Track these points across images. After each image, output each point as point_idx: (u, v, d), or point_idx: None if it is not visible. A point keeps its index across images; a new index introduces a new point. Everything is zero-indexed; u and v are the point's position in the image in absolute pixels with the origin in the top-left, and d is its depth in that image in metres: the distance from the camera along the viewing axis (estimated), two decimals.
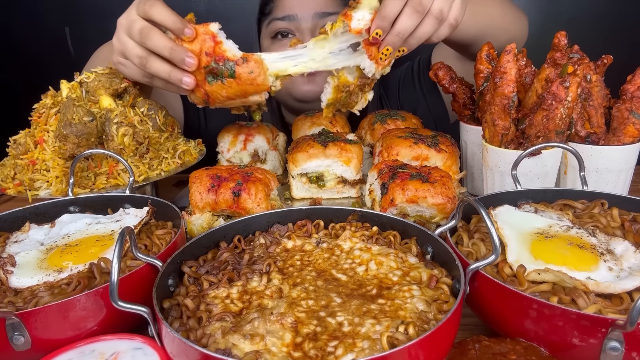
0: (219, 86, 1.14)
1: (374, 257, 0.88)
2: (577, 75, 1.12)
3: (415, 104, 2.01)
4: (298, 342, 0.68)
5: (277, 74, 1.18)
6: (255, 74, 1.14)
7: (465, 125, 1.45)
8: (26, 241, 1.00)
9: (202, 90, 1.17)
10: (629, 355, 0.64)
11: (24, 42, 3.02)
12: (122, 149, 1.30)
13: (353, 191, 1.39)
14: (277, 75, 1.18)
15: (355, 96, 1.26)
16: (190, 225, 1.17)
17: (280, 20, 1.83)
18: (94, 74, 1.40)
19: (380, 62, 1.14)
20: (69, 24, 2.95)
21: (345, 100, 1.26)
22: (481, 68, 1.36)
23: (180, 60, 1.12)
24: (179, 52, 1.11)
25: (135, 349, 0.73)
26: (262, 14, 1.93)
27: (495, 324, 0.78)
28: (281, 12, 1.83)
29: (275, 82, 1.18)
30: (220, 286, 0.81)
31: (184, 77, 1.14)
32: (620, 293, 0.72)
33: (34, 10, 2.95)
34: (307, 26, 1.81)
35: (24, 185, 1.28)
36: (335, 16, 1.80)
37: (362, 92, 1.27)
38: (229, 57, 1.12)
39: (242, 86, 1.15)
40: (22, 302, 0.80)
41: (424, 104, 2.01)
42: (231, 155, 1.54)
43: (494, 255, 0.73)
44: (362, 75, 1.18)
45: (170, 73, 1.15)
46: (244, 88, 1.15)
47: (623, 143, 1.20)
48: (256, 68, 1.13)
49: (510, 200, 1.02)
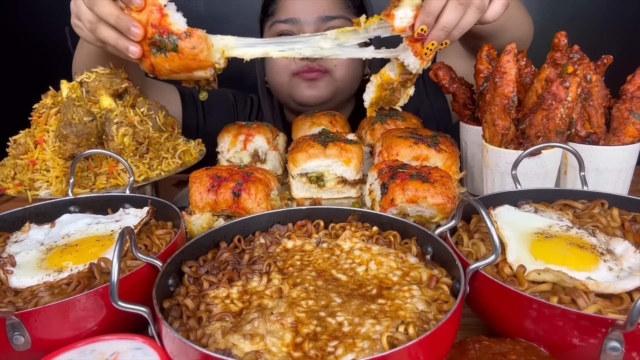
0: (162, 59, 1.13)
1: (374, 257, 0.88)
2: (577, 75, 1.12)
3: (418, 102, 2.01)
4: (298, 342, 0.68)
5: (223, 50, 1.16)
6: (198, 50, 1.12)
7: (465, 125, 1.45)
8: (26, 241, 1.00)
9: (148, 61, 1.16)
10: (629, 355, 0.64)
11: (24, 42, 3.02)
12: (122, 149, 1.30)
13: (353, 191, 1.39)
14: (223, 53, 1.17)
15: (398, 92, 1.26)
16: (190, 225, 1.17)
17: (282, 23, 1.83)
18: (94, 73, 1.40)
19: (425, 57, 1.13)
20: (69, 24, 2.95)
21: (388, 98, 1.26)
22: (481, 68, 1.36)
23: (125, 29, 1.11)
24: (124, 21, 1.11)
25: (135, 349, 0.73)
26: (264, 14, 1.93)
27: (495, 324, 0.78)
28: (284, 14, 1.82)
29: (219, 60, 1.17)
30: (220, 286, 0.81)
31: (130, 46, 1.13)
32: (620, 293, 0.72)
33: (34, 10, 2.95)
34: (310, 30, 1.81)
35: (24, 185, 1.28)
36: (339, 20, 1.81)
37: (404, 87, 1.27)
38: (173, 30, 1.10)
39: (185, 61, 1.13)
40: (22, 302, 0.80)
41: (428, 104, 2.01)
42: (231, 155, 1.54)
43: (494, 255, 0.73)
44: (404, 71, 1.18)
45: (117, 40, 1.14)
46: (187, 63, 1.14)
47: (623, 143, 1.20)
48: (199, 44, 1.12)
49: (510, 200, 1.02)
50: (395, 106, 1.31)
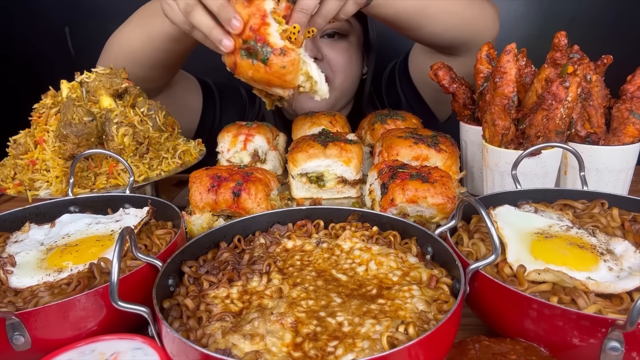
0: (248, 65, 1.10)
1: (374, 257, 0.88)
2: (577, 75, 1.12)
3: (398, 103, 2.02)
4: (298, 342, 0.68)
5: (307, 74, 1.15)
6: (287, 71, 1.09)
7: (465, 125, 1.45)
8: (26, 241, 1.00)
9: (233, 59, 1.13)
10: (629, 355, 0.64)
11: (24, 42, 3.01)
12: (122, 149, 1.30)
13: (353, 191, 1.39)
14: (307, 76, 1.15)
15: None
16: (190, 225, 1.17)
17: None
18: (94, 73, 1.40)
19: (294, 41, 1.10)
20: (69, 24, 2.95)
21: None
22: (481, 68, 1.36)
23: (226, 19, 1.06)
24: (227, 11, 1.06)
25: (135, 349, 0.73)
26: None
27: (495, 324, 0.78)
28: None
29: (305, 83, 1.15)
30: (220, 286, 0.81)
31: (224, 39, 1.09)
32: (620, 293, 0.72)
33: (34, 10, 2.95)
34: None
35: (24, 185, 1.28)
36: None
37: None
38: (269, 41, 1.07)
39: (269, 76, 1.11)
40: (22, 302, 0.80)
41: (406, 104, 2.01)
42: (231, 155, 1.54)
43: (494, 255, 0.73)
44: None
45: (212, 30, 1.10)
46: (270, 78, 1.11)
47: (623, 143, 1.20)
48: (290, 65, 1.09)
49: (510, 200, 1.02)
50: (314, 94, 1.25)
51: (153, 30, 1.47)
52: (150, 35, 1.48)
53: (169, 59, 1.59)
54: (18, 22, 2.99)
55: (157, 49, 1.49)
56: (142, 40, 1.50)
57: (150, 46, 1.49)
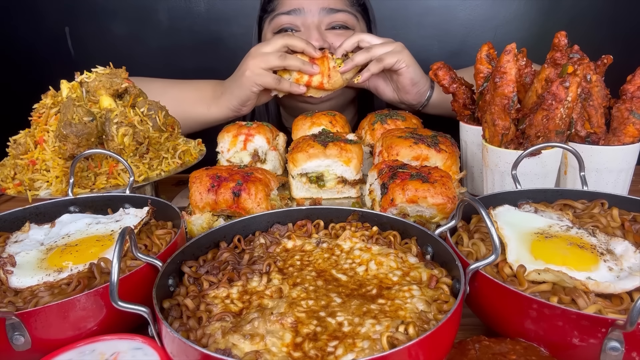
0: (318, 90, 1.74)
1: (374, 257, 0.88)
2: (577, 75, 1.12)
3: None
4: (298, 342, 0.68)
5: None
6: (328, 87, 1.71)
7: (465, 125, 1.45)
8: (26, 241, 1.00)
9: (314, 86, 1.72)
10: (629, 355, 0.64)
11: (24, 42, 3.01)
12: (122, 149, 1.30)
13: (353, 191, 1.39)
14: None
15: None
16: (190, 225, 1.17)
17: (285, 15, 1.83)
18: (94, 73, 1.40)
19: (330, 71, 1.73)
20: (69, 24, 2.95)
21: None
22: (481, 68, 1.36)
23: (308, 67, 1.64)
24: (308, 65, 1.65)
25: (135, 349, 0.73)
26: (264, 11, 1.93)
27: (495, 324, 0.78)
28: (287, 6, 1.83)
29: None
30: (220, 286, 0.81)
31: (313, 69, 1.65)
32: (620, 293, 0.72)
33: (34, 10, 2.95)
34: (314, 21, 1.80)
35: (24, 185, 1.28)
36: (343, 14, 1.83)
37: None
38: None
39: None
40: (22, 302, 0.80)
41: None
42: (231, 155, 1.54)
43: (494, 255, 0.73)
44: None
45: (303, 64, 1.64)
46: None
47: (623, 143, 1.20)
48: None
49: (510, 200, 1.02)
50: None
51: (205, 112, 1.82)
52: (196, 119, 1.83)
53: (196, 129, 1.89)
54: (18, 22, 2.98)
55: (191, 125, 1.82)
56: (185, 110, 1.79)
57: (188, 123, 1.78)
